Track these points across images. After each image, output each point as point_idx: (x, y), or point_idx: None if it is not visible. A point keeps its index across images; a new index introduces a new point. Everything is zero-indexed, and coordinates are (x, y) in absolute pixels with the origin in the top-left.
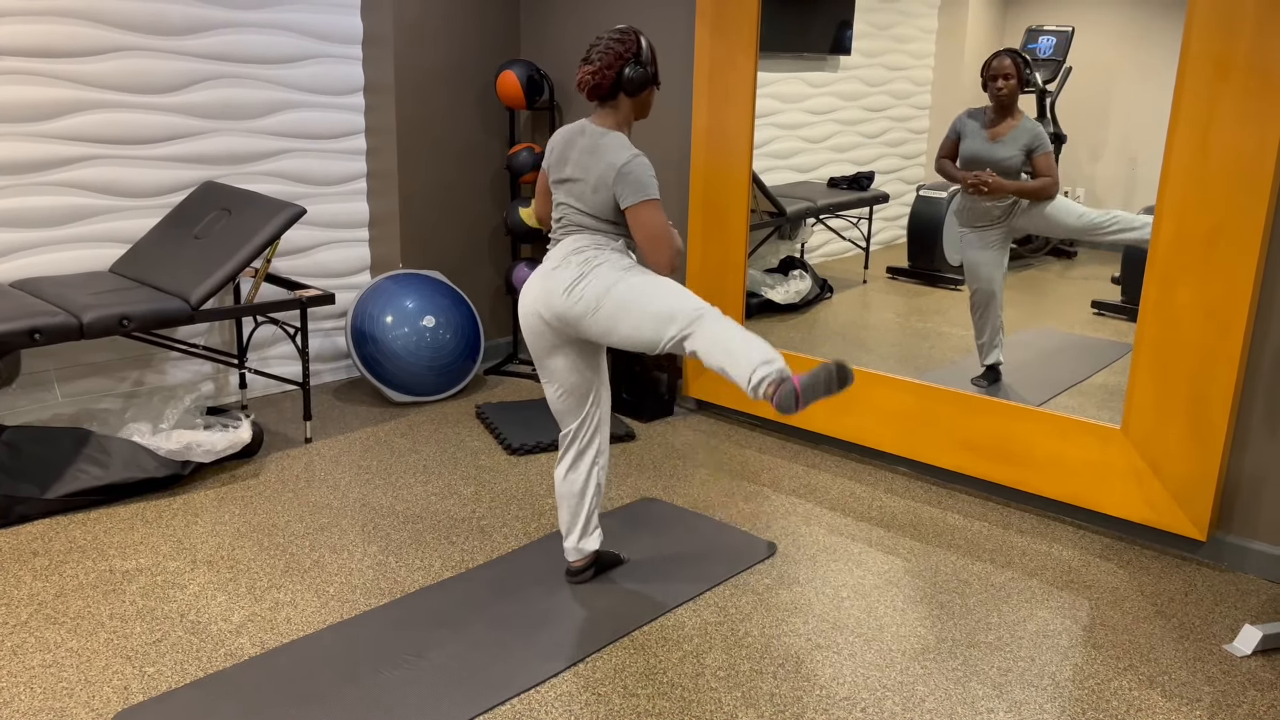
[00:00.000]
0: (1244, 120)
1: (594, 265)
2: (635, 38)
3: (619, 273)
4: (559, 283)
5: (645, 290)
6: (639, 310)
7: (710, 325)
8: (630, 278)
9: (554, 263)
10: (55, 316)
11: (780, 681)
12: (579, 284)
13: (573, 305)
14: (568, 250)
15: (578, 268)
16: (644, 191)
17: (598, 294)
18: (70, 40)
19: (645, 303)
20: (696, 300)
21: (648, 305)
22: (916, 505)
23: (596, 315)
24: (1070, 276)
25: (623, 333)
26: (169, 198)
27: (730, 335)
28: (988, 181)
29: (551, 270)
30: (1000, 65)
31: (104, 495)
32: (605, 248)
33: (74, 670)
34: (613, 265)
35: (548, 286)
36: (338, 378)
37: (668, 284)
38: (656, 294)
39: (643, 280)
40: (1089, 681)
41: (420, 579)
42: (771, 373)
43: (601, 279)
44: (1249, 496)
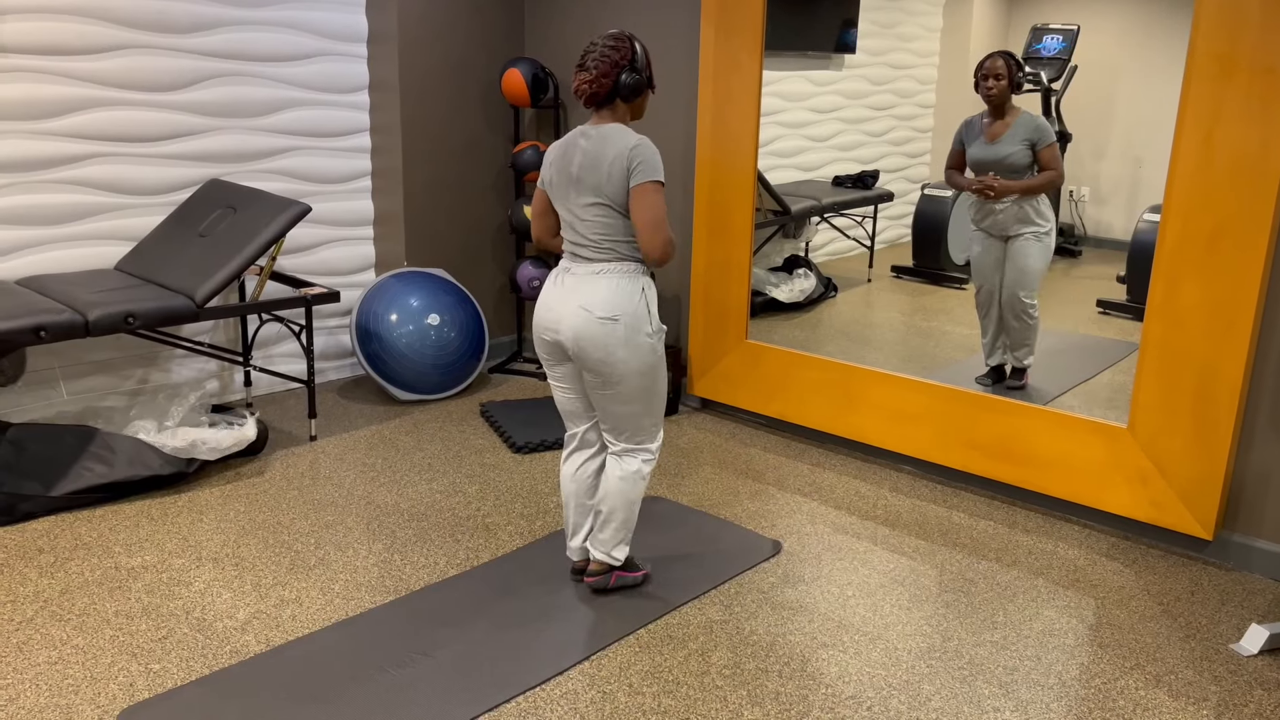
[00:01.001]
0: (1250, 119)
1: (636, 326)
2: (629, 43)
3: (649, 352)
4: (593, 316)
5: (654, 393)
6: (637, 403)
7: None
8: (658, 370)
9: (585, 287)
10: (61, 314)
11: (786, 680)
12: (613, 337)
13: (605, 352)
14: (604, 282)
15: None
16: (653, 172)
17: (619, 361)
18: (76, 38)
19: (648, 402)
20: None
21: (645, 406)
22: (922, 504)
23: (610, 376)
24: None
25: (611, 405)
26: (174, 195)
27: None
28: (993, 186)
29: (585, 297)
30: (991, 66)
31: (109, 493)
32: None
33: (79, 667)
34: (642, 324)
35: (578, 314)
36: (342, 376)
37: (660, 384)
38: (658, 398)
39: (660, 376)
40: (1095, 680)
41: (425, 577)
42: (632, 554)
43: (632, 345)
44: (1255, 495)
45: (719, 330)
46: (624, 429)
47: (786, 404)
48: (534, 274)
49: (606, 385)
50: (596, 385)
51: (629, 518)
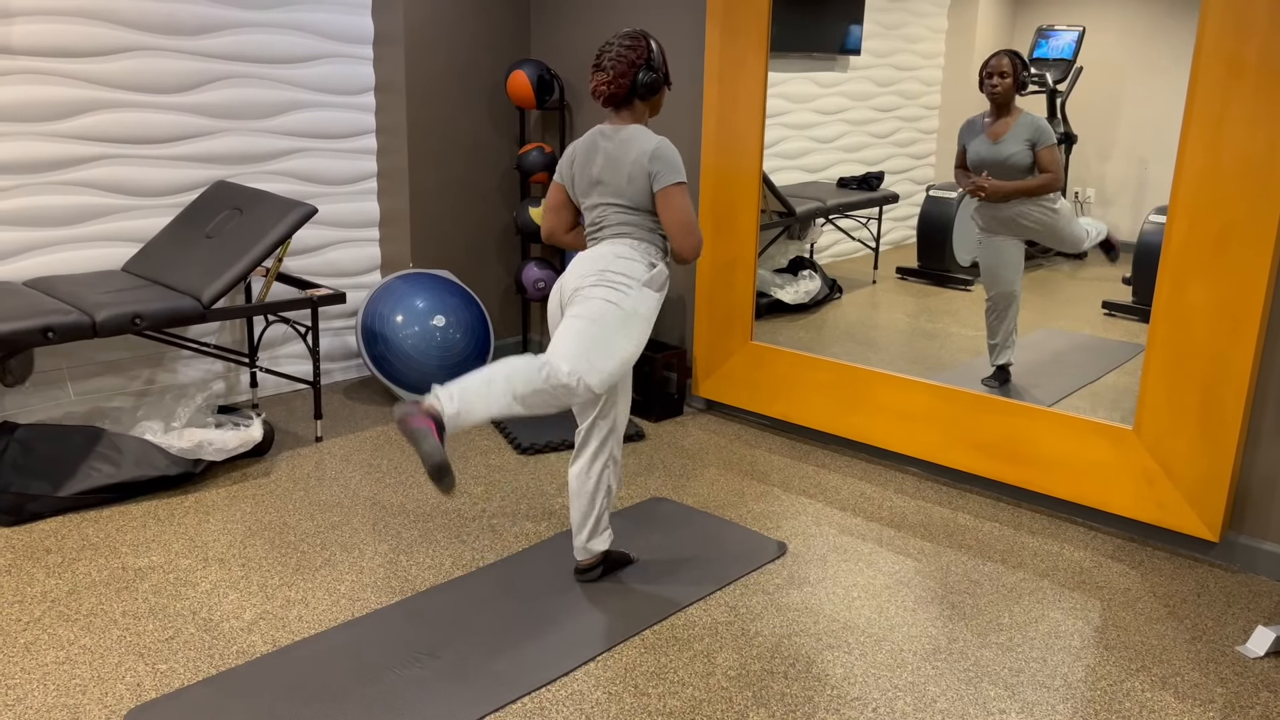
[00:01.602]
0: (1257, 120)
1: (624, 284)
2: (645, 42)
3: (631, 295)
4: (588, 270)
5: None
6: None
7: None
8: (632, 318)
9: (592, 256)
10: (68, 315)
11: (791, 681)
12: (601, 282)
13: (585, 280)
14: (613, 252)
15: (609, 268)
16: (675, 174)
17: (598, 295)
18: (83, 40)
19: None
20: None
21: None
22: (927, 505)
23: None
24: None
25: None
26: (181, 197)
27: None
28: (984, 186)
29: (589, 259)
30: (996, 64)
31: (116, 493)
32: (640, 271)
33: (87, 667)
34: (634, 296)
35: (578, 271)
36: (348, 377)
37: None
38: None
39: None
40: (1101, 682)
41: (431, 577)
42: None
43: (612, 285)
44: (1262, 497)
45: (724, 332)
46: (562, 346)
47: (791, 405)
48: (539, 275)
49: (572, 304)
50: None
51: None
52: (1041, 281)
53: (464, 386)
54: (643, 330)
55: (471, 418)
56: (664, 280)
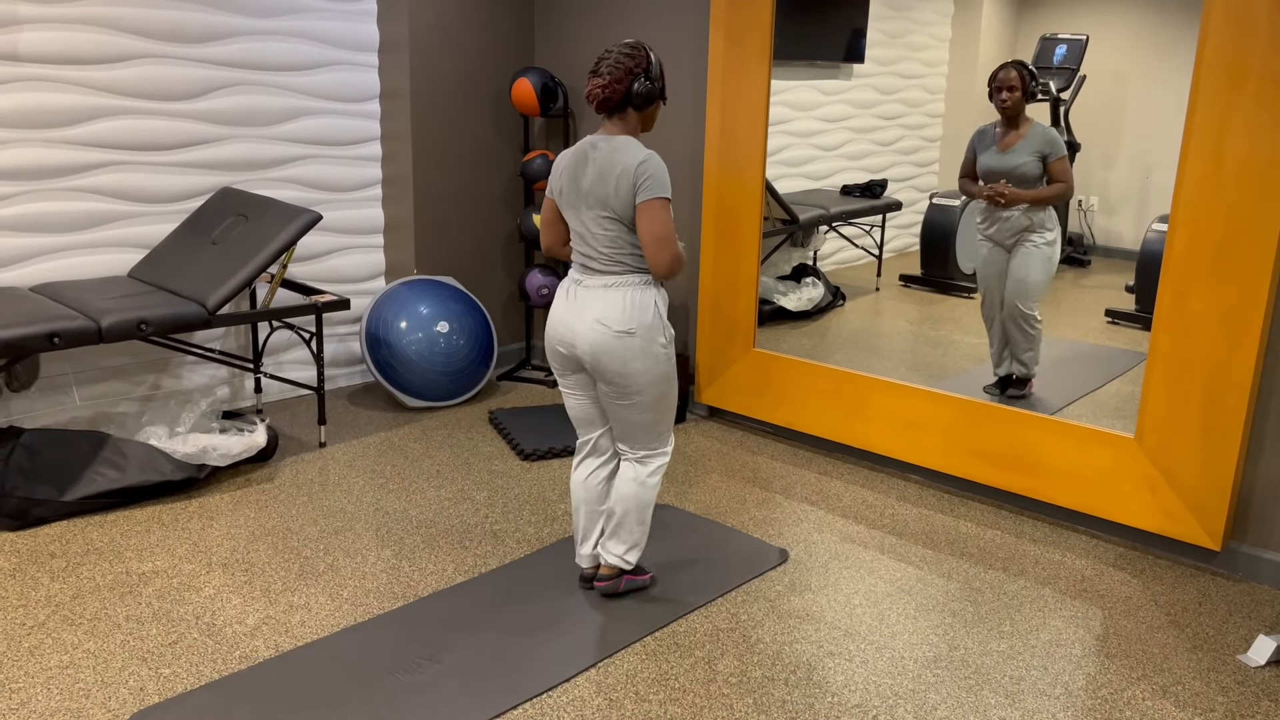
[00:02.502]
0: (1259, 128)
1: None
2: (645, 52)
3: (664, 361)
4: (609, 329)
5: (669, 399)
6: (652, 411)
7: (662, 471)
8: (671, 377)
9: (599, 300)
10: (74, 320)
11: (792, 688)
12: (629, 348)
13: (621, 363)
14: (606, 284)
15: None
16: (661, 188)
17: (636, 373)
18: (91, 48)
19: (662, 409)
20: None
21: (660, 413)
22: (929, 513)
23: (627, 387)
24: (1084, 285)
25: (627, 414)
26: (187, 203)
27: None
28: (1004, 193)
29: (600, 308)
30: (1005, 77)
31: (121, 498)
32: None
33: (90, 671)
34: (656, 334)
35: (594, 327)
36: (352, 383)
37: (671, 389)
38: (671, 404)
39: (672, 382)
40: (1102, 691)
41: (433, 583)
42: (640, 558)
43: (649, 356)
44: (1264, 506)
45: (727, 339)
46: (639, 437)
47: (794, 412)
48: (542, 282)
49: (623, 396)
50: (613, 396)
51: (643, 521)
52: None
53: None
54: (672, 368)
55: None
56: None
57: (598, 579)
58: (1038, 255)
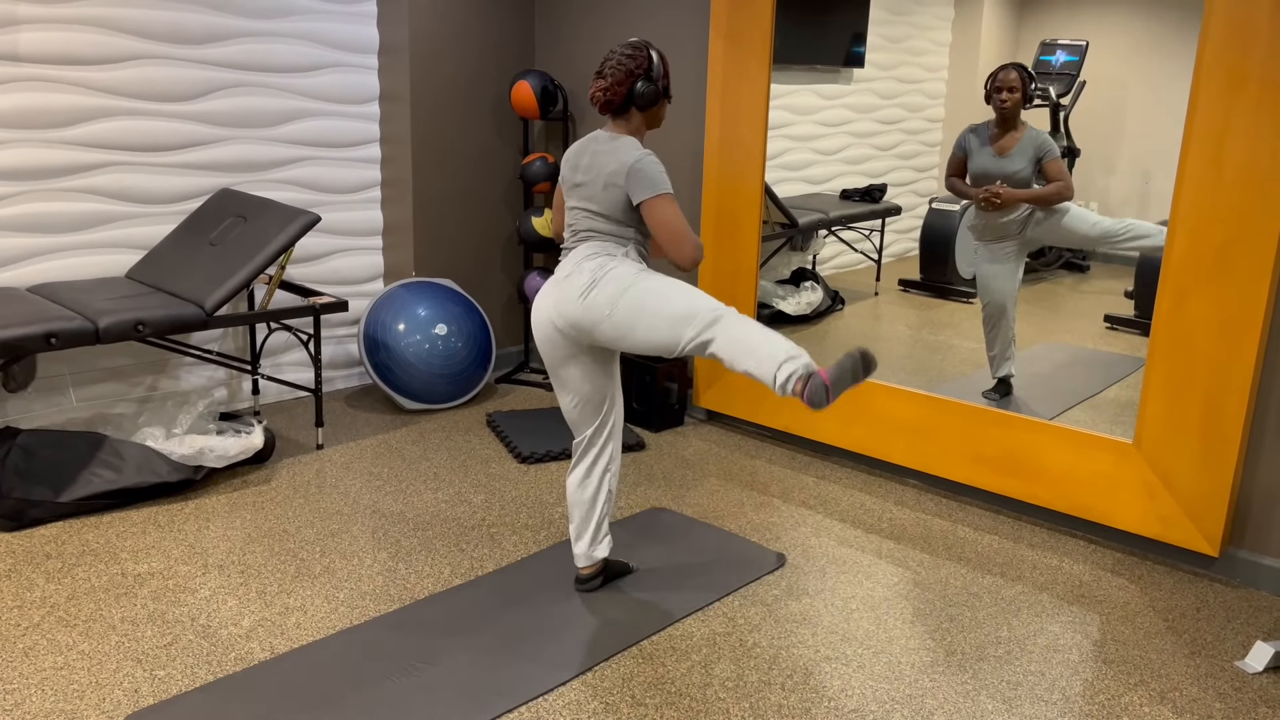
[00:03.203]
0: (1258, 133)
1: (606, 270)
2: (647, 52)
3: (633, 276)
4: (573, 289)
5: (660, 292)
6: (654, 312)
7: (730, 326)
8: (644, 280)
9: (566, 270)
10: (71, 321)
11: (788, 693)
12: (593, 289)
13: (587, 311)
14: (580, 257)
15: (590, 274)
16: (656, 186)
17: (611, 297)
18: (90, 48)
19: (661, 305)
20: (712, 301)
21: (663, 307)
22: (927, 518)
23: (612, 319)
24: (1083, 290)
25: (638, 336)
26: (185, 204)
27: (751, 334)
28: (1000, 194)
29: (564, 278)
30: (1005, 78)
31: (117, 499)
32: (617, 254)
33: (85, 672)
34: (626, 269)
35: (561, 294)
36: (350, 385)
37: (682, 285)
38: (672, 295)
39: (657, 282)
40: (1099, 697)
41: (430, 586)
42: (799, 368)
43: (615, 282)
44: (1262, 512)
45: None
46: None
47: (792, 417)
48: (542, 285)
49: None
50: (614, 337)
51: (756, 345)
52: (1044, 294)
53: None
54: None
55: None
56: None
57: (577, 577)
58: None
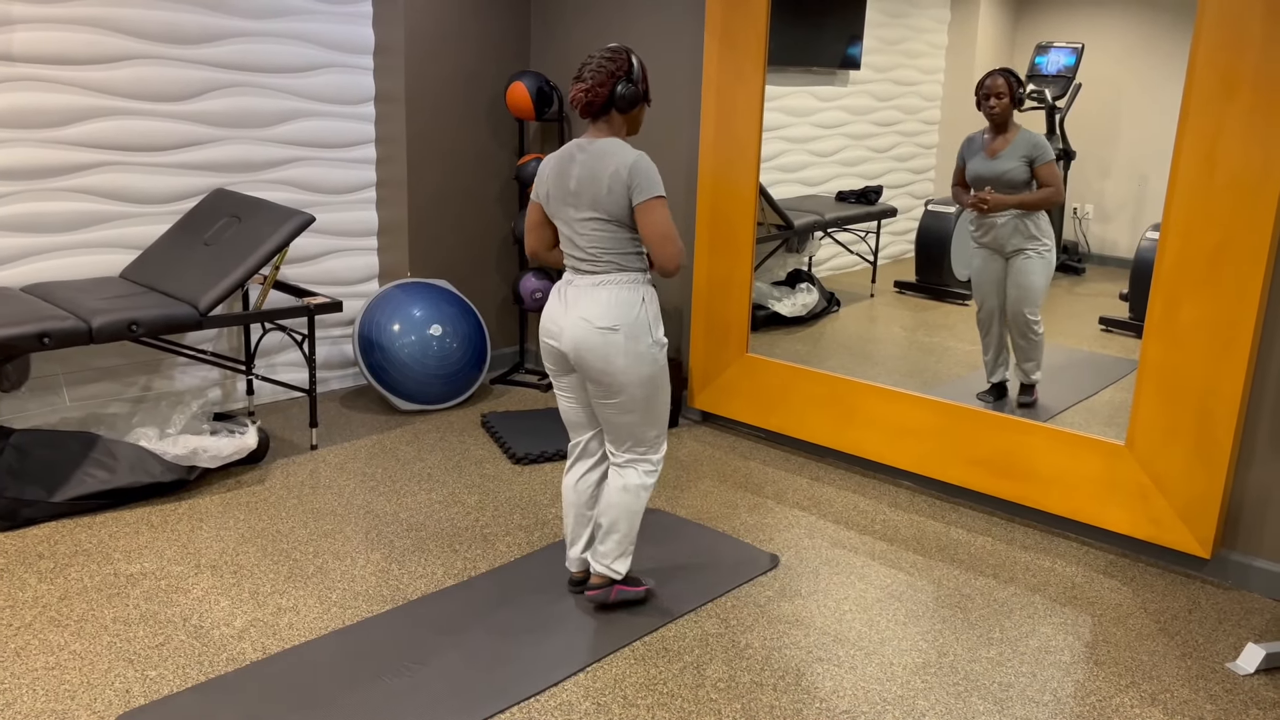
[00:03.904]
0: (1251, 137)
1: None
2: (626, 56)
3: (656, 362)
4: (592, 320)
5: (656, 403)
6: (638, 413)
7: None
8: (660, 380)
9: (583, 297)
10: (65, 321)
11: (780, 694)
12: (615, 336)
13: (606, 362)
14: (598, 295)
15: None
16: (655, 188)
17: (619, 370)
18: (85, 48)
19: (649, 413)
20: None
21: (647, 416)
22: (920, 519)
23: (611, 385)
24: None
25: (613, 415)
26: (180, 204)
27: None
28: (988, 200)
29: (579, 304)
30: (993, 84)
31: (110, 499)
32: (637, 293)
33: (76, 673)
34: (643, 333)
35: (575, 322)
36: (345, 385)
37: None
38: (661, 408)
39: (662, 386)
40: (1090, 698)
41: (423, 586)
42: (628, 566)
43: (643, 362)
44: (1254, 514)
45: (720, 344)
46: (625, 439)
47: (787, 418)
48: (536, 285)
49: (608, 395)
50: (599, 395)
51: (630, 530)
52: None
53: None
54: (662, 369)
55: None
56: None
57: (588, 588)
58: (1038, 262)
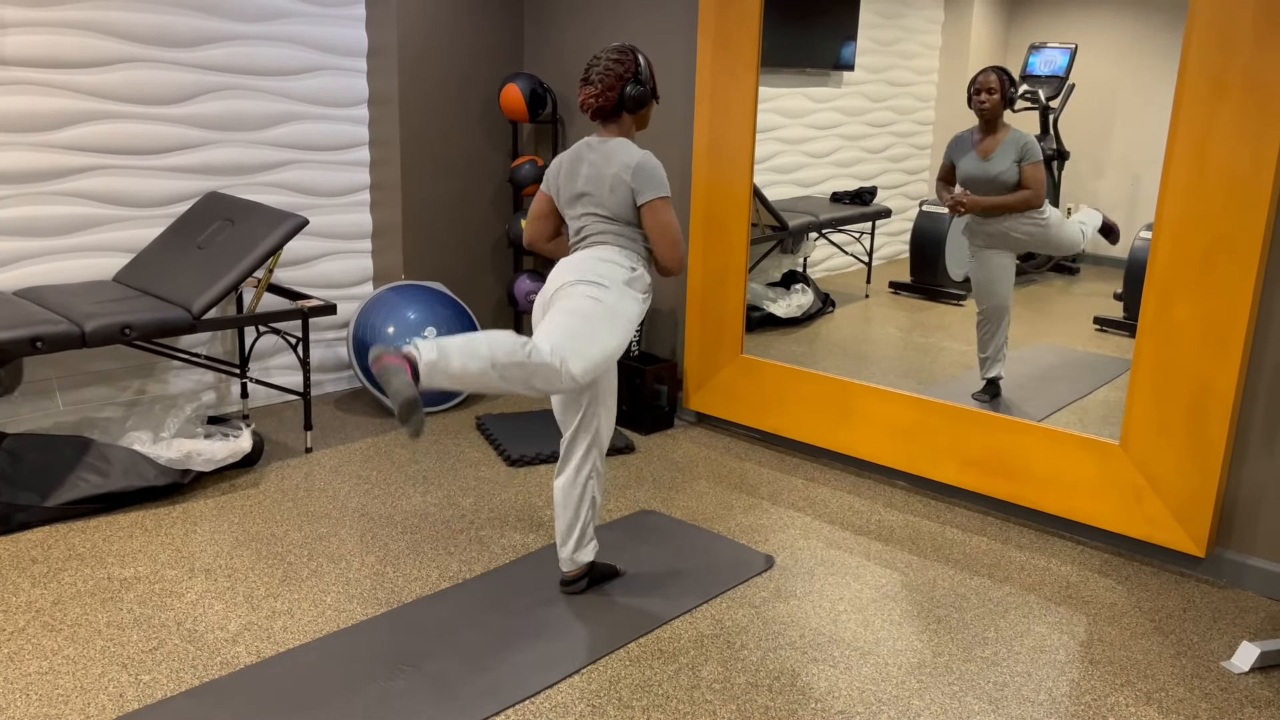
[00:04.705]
0: (1242, 136)
1: (601, 274)
2: (633, 56)
3: (617, 291)
4: (581, 273)
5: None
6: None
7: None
8: (616, 312)
9: (574, 263)
10: (58, 325)
11: (776, 695)
12: (594, 286)
13: (569, 283)
14: (592, 257)
15: (595, 272)
16: (660, 188)
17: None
18: (77, 51)
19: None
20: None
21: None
22: (915, 519)
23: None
24: (1073, 292)
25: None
26: (173, 208)
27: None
28: (964, 202)
29: (570, 269)
30: (984, 80)
31: (104, 503)
32: (623, 265)
33: (70, 677)
34: (620, 288)
35: (562, 273)
36: (339, 388)
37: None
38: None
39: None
40: (1085, 697)
41: (418, 589)
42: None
43: (601, 285)
44: (1248, 512)
45: (715, 344)
46: (548, 330)
47: (782, 419)
48: (531, 287)
49: (559, 298)
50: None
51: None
52: (1034, 296)
53: (444, 341)
54: (625, 329)
55: (448, 369)
56: (646, 286)
57: (562, 580)
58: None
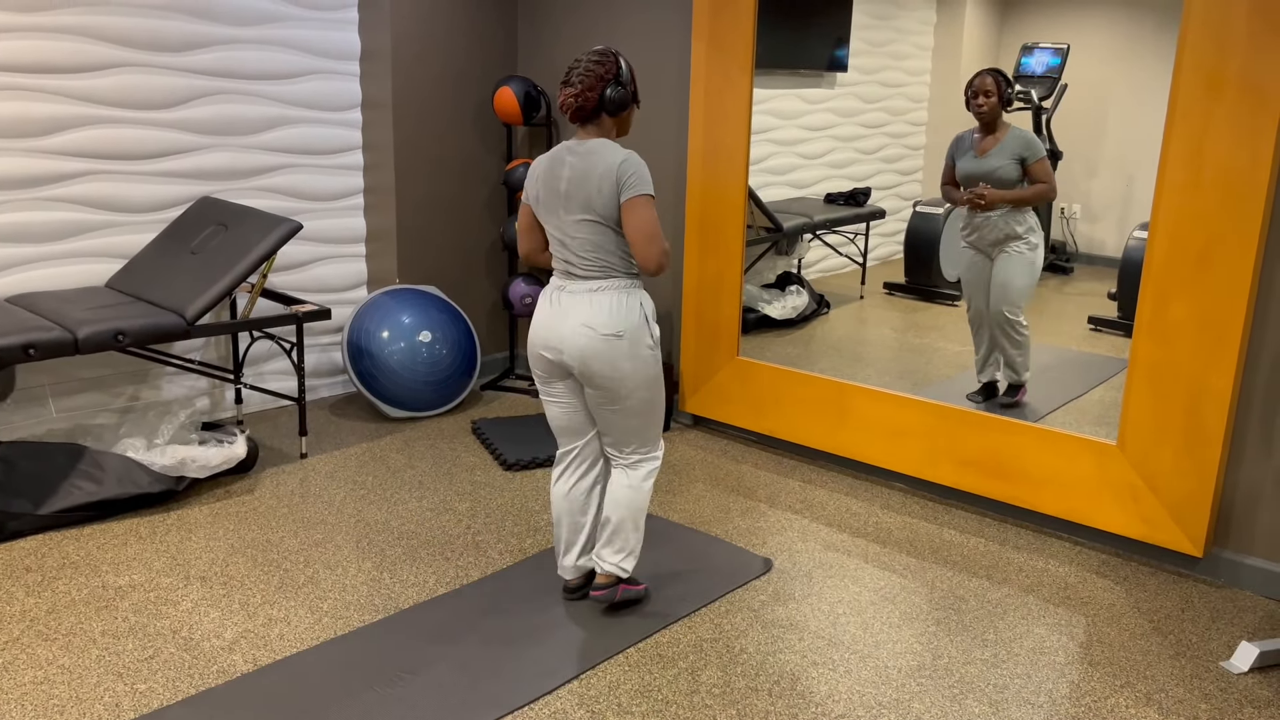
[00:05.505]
0: (1237, 136)
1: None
2: (614, 59)
3: (652, 363)
4: (594, 324)
5: (657, 402)
6: (641, 415)
7: (654, 475)
8: (660, 380)
9: (578, 303)
10: (50, 331)
11: (775, 699)
12: (620, 342)
13: (613, 366)
14: (592, 289)
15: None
16: (643, 185)
17: (626, 376)
18: (69, 56)
19: (651, 412)
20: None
21: (650, 417)
22: (913, 521)
23: (618, 391)
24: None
25: (618, 419)
26: (166, 213)
27: (647, 502)
28: (984, 195)
29: (577, 309)
30: (981, 83)
31: (98, 511)
32: (634, 296)
33: (65, 687)
34: (644, 336)
35: (573, 324)
36: (334, 393)
37: (658, 390)
38: (660, 407)
39: (661, 386)
40: (1085, 699)
41: (414, 595)
42: (633, 567)
43: (645, 364)
44: (1245, 512)
45: (711, 347)
46: (630, 441)
47: (778, 421)
48: (525, 291)
49: (614, 400)
50: (603, 401)
51: (638, 527)
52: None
53: (628, 543)
54: (657, 367)
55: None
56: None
57: (594, 588)
58: (1020, 261)
